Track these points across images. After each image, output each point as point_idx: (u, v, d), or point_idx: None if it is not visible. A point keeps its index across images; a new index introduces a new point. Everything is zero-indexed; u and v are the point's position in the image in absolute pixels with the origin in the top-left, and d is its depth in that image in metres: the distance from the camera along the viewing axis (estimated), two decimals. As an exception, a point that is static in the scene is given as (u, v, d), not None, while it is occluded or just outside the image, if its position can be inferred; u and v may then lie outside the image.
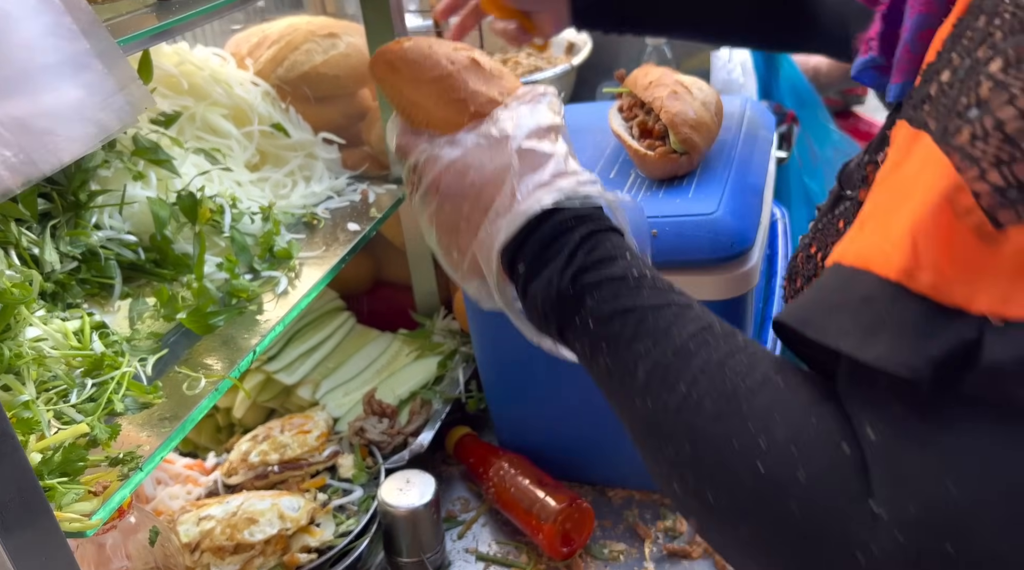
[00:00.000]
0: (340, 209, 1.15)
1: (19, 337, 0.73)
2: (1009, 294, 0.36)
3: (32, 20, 0.44)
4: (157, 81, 1.05)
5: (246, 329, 0.87)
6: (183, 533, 0.94)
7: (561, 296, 0.54)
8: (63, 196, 0.86)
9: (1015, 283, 0.36)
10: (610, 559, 1.01)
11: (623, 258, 0.54)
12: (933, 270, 0.37)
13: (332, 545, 0.97)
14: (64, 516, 0.63)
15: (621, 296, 0.51)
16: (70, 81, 0.45)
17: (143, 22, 0.78)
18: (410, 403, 1.17)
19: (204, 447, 1.28)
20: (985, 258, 0.36)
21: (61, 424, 0.69)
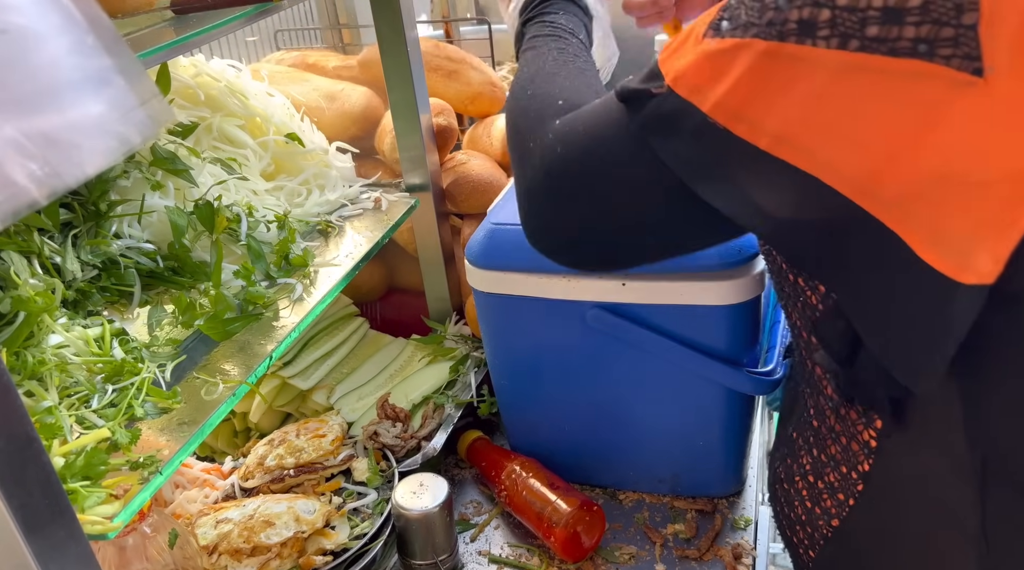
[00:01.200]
0: (354, 217, 1.16)
1: (42, 344, 0.75)
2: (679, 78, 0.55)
3: (57, 38, 0.46)
4: (174, 92, 1.07)
5: (262, 335, 0.89)
6: (201, 536, 0.96)
7: (517, 33, 0.85)
8: (84, 206, 0.88)
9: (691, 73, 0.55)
10: (621, 561, 1.01)
11: (557, 14, 0.82)
12: (669, 50, 0.58)
13: (347, 547, 0.98)
14: (87, 519, 0.64)
15: (536, 31, 0.81)
16: (93, 96, 0.47)
17: (161, 36, 0.80)
18: (423, 407, 1.19)
19: (221, 451, 1.29)
20: (687, 53, 0.55)
21: (83, 429, 0.71)
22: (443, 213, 1.25)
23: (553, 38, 0.81)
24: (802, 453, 0.76)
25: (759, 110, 0.52)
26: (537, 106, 0.71)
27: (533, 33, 0.82)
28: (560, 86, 0.73)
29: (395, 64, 1.12)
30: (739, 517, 1.06)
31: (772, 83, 0.52)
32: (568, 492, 1.02)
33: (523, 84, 0.76)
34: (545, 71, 0.76)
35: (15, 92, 0.44)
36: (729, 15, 0.54)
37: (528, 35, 0.83)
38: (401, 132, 1.17)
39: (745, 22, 0.52)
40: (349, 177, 1.23)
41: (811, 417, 0.75)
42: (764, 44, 0.51)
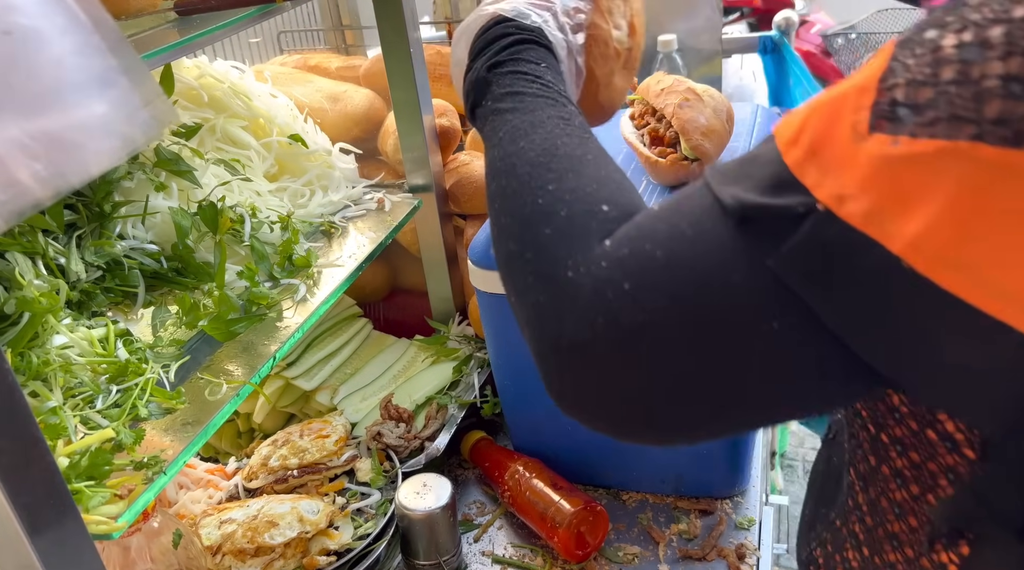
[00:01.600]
0: (357, 218, 1.17)
1: (46, 345, 0.75)
2: (845, 195, 0.39)
3: (62, 39, 0.46)
4: (178, 94, 1.08)
5: (266, 336, 0.89)
6: (205, 536, 0.96)
7: (478, 81, 0.65)
8: (88, 207, 0.89)
9: (857, 187, 0.39)
10: (624, 562, 1.01)
11: (535, 63, 0.64)
12: (804, 148, 0.41)
13: (350, 548, 0.99)
14: (91, 518, 0.64)
15: (516, 85, 0.62)
16: (98, 97, 0.47)
17: (165, 37, 0.80)
18: (426, 408, 1.19)
19: (225, 452, 1.30)
20: (844, 155, 0.39)
21: (87, 429, 0.71)
22: (446, 214, 1.25)
23: (547, 100, 0.61)
24: (847, 546, 0.64)
25: (983, 254, 0.36)
26: (566, 214, 0.52)
27: (511, 87, 0.62)
28: (593, 180, 0.54)
29: (398, 65, 1.12)
30: (742, 517, 1.06)
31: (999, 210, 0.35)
32: (571, 492, 1.03)
33: (524, 172, 0.56)
34: (560, 153, 0.56)
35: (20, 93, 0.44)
36: (909, 96, 0.37)
37: (501, 88, 0.63)
38: (404, 133, 1.17)
39: (951, 113, 0.36)
40: (352, 178, 1.24)
41: (864, 513, 0.62)
42: (990, 151, 0.35)
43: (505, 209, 0.56)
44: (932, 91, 0.37)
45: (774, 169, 0.42)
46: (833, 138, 0.40)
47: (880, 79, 0.39)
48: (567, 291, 0.49)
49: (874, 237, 0.38)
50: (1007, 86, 0.34)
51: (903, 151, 0.37)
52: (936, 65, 0.37)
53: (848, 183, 0.39)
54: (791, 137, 0.42)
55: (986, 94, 0.35)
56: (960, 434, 0.49)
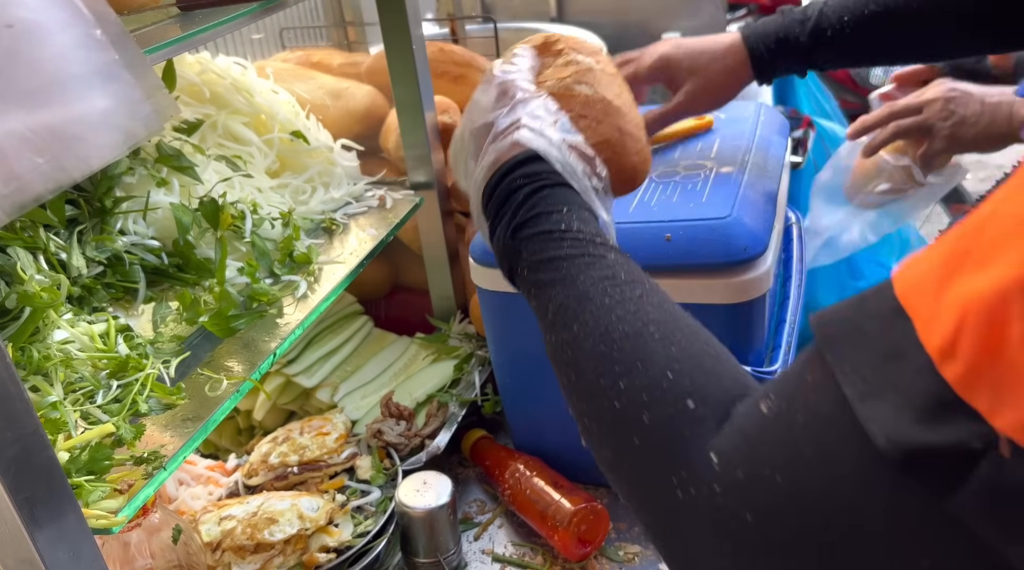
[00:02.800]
0: (358, 214, 1.16)
1: (47, 340, 0.75)
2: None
3: (63, 32, 0.46)
4: (180, 90, 1.07)
5: (266, 332, 0.89)
6: (205, 532, 0.96)
7: (506, 248, 0.62)
8: (89, 202, 0.89)
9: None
10: (625, 561, 1.01)
11: (557, 212, 0.60)
12: (968, 362, 0.33)
13: (350, 545, 0.98)
14: (91, 513, 0.64)
15: (547, 248, 0.58)
16: (99, 91, 0.47)
17: (167, 32, 0.80)
18: (427, 406, 1.19)
19: (225, 449, 1.30)
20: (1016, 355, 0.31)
21: (88, 424, 0.71)
22: (448, 211, 1.25)
23: (585, 260, 0.56)
24: None
25: None
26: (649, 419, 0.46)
27: (547, 253, 0.58)
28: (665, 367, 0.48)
29: (400, 62, 1.12)
30: (743, 517, 1.06)
31: None
32: (572, 491, 1.02)
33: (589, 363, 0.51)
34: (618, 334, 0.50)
35: (21, 86, 0.44)
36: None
37: (533, 255, 0.59)
38: (406, 130, 1.17)
39: None
40: (354, 175, 1.23)
41: None
42: None
43: (584, 411, 0.53)
44: None
45: (930, 384, 0.34)
46: (1006, 349, 0.31)
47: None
48: (683, 518, 0.44)
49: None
50: None
51: None
52: None
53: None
54: (945, 344, 0.33)
55: None
56: None
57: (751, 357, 0.96)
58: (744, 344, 0.95)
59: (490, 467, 1.13)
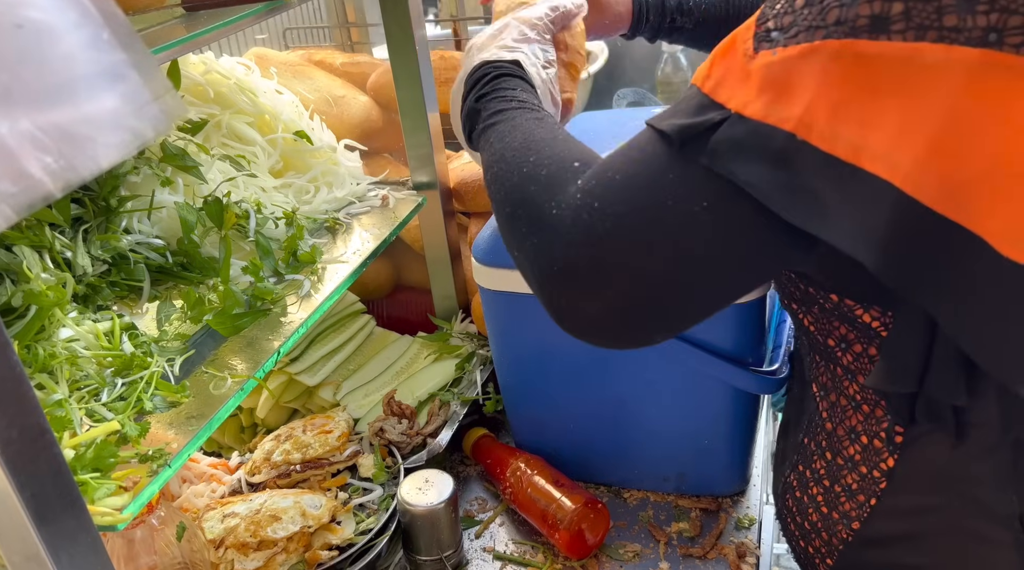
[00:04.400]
0: (361, 214, 1.17)
1: (53, 338, 0.76)
2: (748, 100, 0.52)
3: (73, 33, 0.46)
4: (184, 90, 1.08)
5: (270, 331, 0.89)
6: (208, 530, 0.97)
7: (470, 111, 0.80)
8: (95, 201, 0.89)
9: (755, 93, 0.52)
10: (625, 560, 1.02)
11: (512, 89, 0.78)
12: (715, 79, 0.55)
13: (352, 542, 0.99)
14: (97, 510, 0.65)
15: (499, 105, 0.77)
16: (108, 91, 0.47)
17: (172, 33, 0.80)
18: (429, 404, 1.19)
19: (228, 447, 1.30)
20: (742, 73, 0.53)
21: (93, 422, 0.72)
22: (450, 211, 1.26)
23: (524, 110, 0.75)
24: (815, 458, 0.76)
25: (843, 118, 0.49)
26: (545, 173, 0.65)
27: (496, 108, 0.77)
28: (565, 149, 0.67)
29: (403, 63, 1.12)
30: (743, 516, 1.06)
31: (851, 86, 0.48)
32: (573, 490, 1.03)
33: (511, 156, 0.70)
34: (536, 138, 0.70)
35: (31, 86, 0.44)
36: (777, 24, 0.52)
37: (488, 110, 0.77)
38: (409, 131, 1.18)
39: (807, 26, 0.50)
40: (357, 175, 1.24)
41: (824, 420, 0.75)
42: (836, 44, 0.48)
43: (500, 186, 0.70)
44: (792, 16, 0.51)
45: (697, 99, 0.56)
46: (732, 66, 0.54)
47: (757, 20, 0.54)
48: (553, 225, 0.61)
49: (773, 123, 0.51)
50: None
51: (779, 58, 0.51)
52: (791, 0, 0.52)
53: (749, 91, 0.53)
54: (705, 74, 0.57)
55: (827, 9, 0.49)
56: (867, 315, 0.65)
57: (751, 357, 0.97)
58: (744, 344, 0.96)
59: (491, 465, 1.13)
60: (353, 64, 1.45)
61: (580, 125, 1.18)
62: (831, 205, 0.51)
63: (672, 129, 0.56)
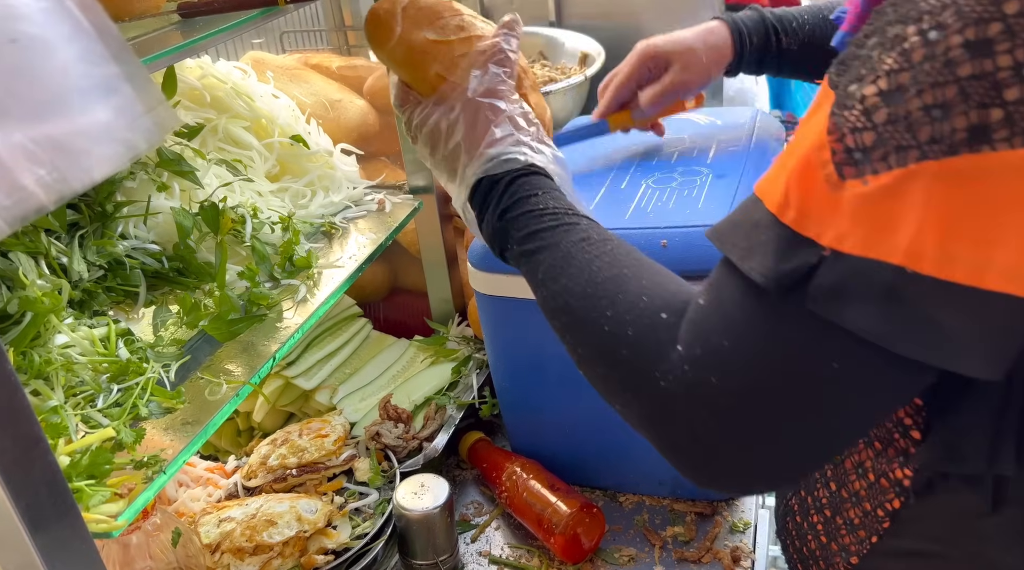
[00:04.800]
0: (358, 218, 1.17)
1: (48, 344, 0.76)
2: (843, 234, 0.47)
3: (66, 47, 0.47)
4: (181, 94, 1.08)
5: (266, 336, 0.90)
6: (204, 534, 0.97)
7: (495, 231, 0.72)
8: (91, 207, 0.89)
9: (849, 225, 0.47)
10: (621, 563, 1.02)
11: (535, 195, 0.70)
12: (796, 208, 0.49)
13: (348, 547, 0.99)
14: (91, 517, 0.65)
15: (530, 225, 0.69)
16: (101, 104, 0.48)
17: (169, 39, 0.80)
18: (425, 408, 1.19)
19: (224, 451, 1.30)
20: (830, 204, 0.47)
21: (88, 428, 0.72)
22: (446, 215, 1.26)
23: (563, 228, 0.67)
24: (818, 486, 0.74)
25: (957, 241, 0.44)
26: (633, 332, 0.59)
27: (529, 228, 0.68)
28: (640, 293, 0.60)
29: (400, 67, 1.12)
30: (738, 520, 1.07)
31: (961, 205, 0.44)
32: (568, 494, 1.03)
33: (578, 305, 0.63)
34: (601, 278, 0.63)
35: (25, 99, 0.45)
36: (857, 142, 0.46)
37: (520, 231, 0.69)
38: (405, 134, 1.18)
39: (896, 146, 0.45)
40: (353, 179, 1.24)
41: None
42: (935, 166, 0.44)
43: (579, 341, 0.64)
44: (874, 134, 0.46)
45: (779, 233, 0.50)
46: (815, 193, 0.48)
47: (829, 134, 0.48)
48: (667, 401, 0.56)
49: (877, 258, 0.46)
50: (928, 113, 0.44)
51: (872, 187, 0.46)
52: (869, 113, 0.46)
53: (842, 223, 0.47)
54: (781, 201, 0.50)
55: (915, 124, 0.44)
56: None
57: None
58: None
59: (487, 470, 1.13)
60: (350, 68, 1.45)
61: (576, 128, 1.18)
62: (954, 333, 0.47)
63: (767, 280, 0.50)
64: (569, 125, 1.25)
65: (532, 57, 1.87)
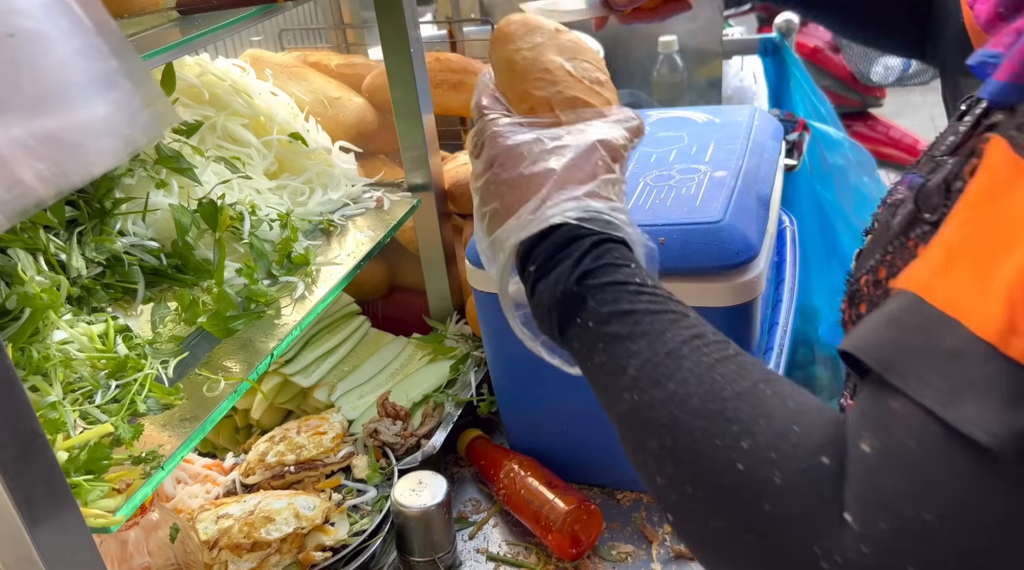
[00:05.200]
0: (356, 216, 1.17)
1: (47, 340, 0.76)
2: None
3: (66, 42, 0.47)
4: (179, 91, 1.08)
5: (264, 333, 0.90)
6: (202, 531, 0.97)
7: (566, 296, 0.56)
8: (89, 204, 0.89)
9: None
10: (618, 560, 1.02)
11: (627, 266, 0.56)
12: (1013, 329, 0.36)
13: (346, 544, 0.99)
14: (90, 512, 0.65)
15: (621, 300, 0.54)
16: (100, 98, 0.48)
17: (167, 36, 0.81)
18: (423, 406, 1.20)
19: (223, 448, 1.30)
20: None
21: (86, 424, 0.72)
22: (445, 213, 1.26)
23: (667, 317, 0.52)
24: None
25: None
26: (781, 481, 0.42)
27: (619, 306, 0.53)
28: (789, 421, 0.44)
29: (398, 64, 1.12)
30: (735, 517, 1.07)
31: None
32: (566, 491, 1.03)
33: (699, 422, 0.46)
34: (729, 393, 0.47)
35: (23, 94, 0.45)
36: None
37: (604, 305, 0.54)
38: (403, 132, 1.18)
39: None
40: (352, 176, 1.24)
41: None
42: None
43: (688, 477, 0.47)
44: None
45: (1003, 370, 0.37)
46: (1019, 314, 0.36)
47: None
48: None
49: None
50: None
51: None
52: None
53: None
54: (1002, 326, 0.37)
55: None
56: None
57: (744, 360, 0.97)
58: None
59: (485, 467, 1.14)
60: (348, 65, 1.45)
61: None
62: None
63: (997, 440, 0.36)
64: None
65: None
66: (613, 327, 0.53)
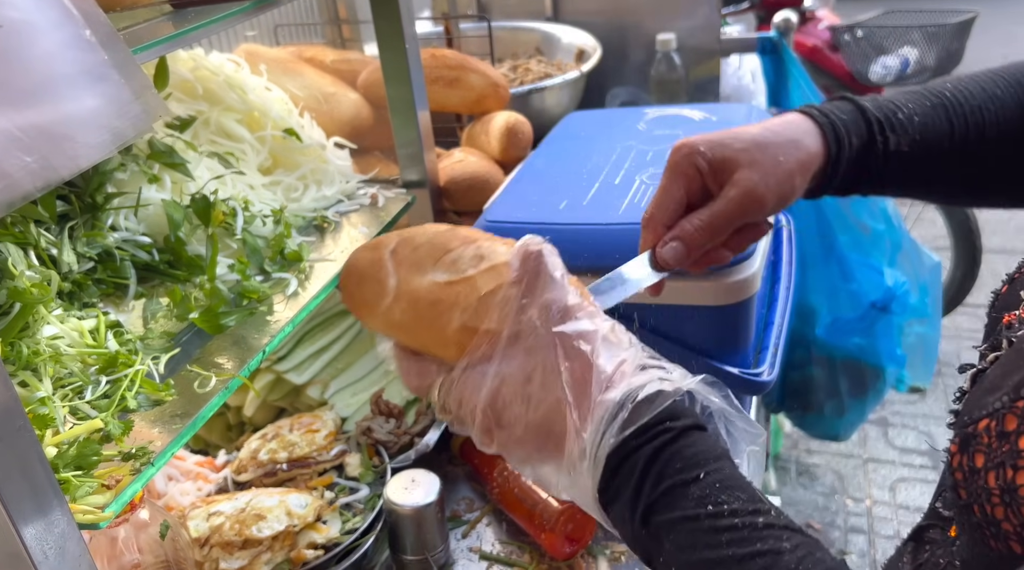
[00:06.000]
0: (350, 212, 1.17)
1: (37, 335, 0.75)
2: None
3: (53, 33, 0.46)
4: (173, 86, 1.08)
5: (257, 329, 0.89)
6: (193, 528, 0.96)
7: (637, 536, 0.51)
8: (81, 198, 0.89)
9: None
10: (612, 560, 1.02)
11: (694, 482, 0.48)
12: None
13: (338, 542, 0.99)
14: (78, 508, 0.65)
15: (698, 543, 0.47)
16: (88, 91, 0.47)
17: (160, 30, 0.80)
18: (417, 404, 1.19)
19: (215, 445, 1.30)
20: None
21: (76, 420, 0.71)
22: (440, 210, 1.26)
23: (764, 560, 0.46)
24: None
25: None
26: None
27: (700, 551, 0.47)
28: None
29: (393, 60, 1.12)
30: (729, 517, 1.06)
31: None
32: (559, 490, 1.03)
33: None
34: None
35: (11, 86, 0.44)
36: None
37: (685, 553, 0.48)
38: (398, 128, 1.17)
39: None
40: (346, 173, 1.24)
41: None
42: None
43: None
44: None
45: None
46: None
47: None
48: None
49: None
50: None
51: None
52: None
53: None
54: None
55: None
56: None
57: (738, 359, 0.97)
58: (731, 346, 0.96)
59: (479, 465, 1.13)
60: (344, 61, 1.45)
61: (572, 125, 1.18)
62: None
63: None
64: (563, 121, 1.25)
65: (529, 52, 1.86)
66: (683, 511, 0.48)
